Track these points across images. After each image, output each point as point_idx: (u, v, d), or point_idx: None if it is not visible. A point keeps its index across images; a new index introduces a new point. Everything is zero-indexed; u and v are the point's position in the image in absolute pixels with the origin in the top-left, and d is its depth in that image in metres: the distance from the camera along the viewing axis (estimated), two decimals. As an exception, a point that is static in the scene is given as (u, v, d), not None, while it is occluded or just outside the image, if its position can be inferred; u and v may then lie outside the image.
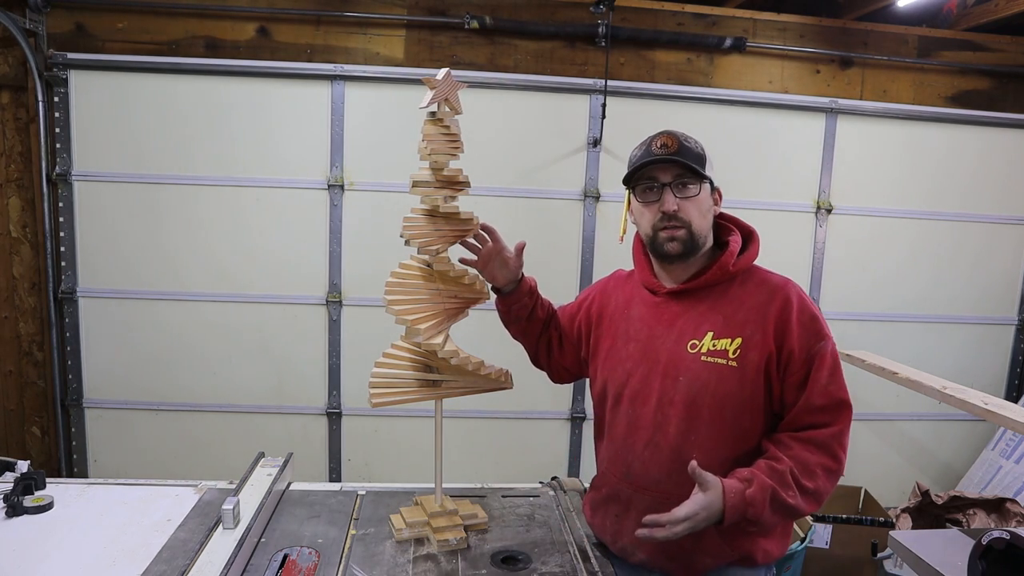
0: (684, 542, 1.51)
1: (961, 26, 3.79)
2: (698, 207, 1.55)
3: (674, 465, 1.53)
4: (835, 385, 1.50)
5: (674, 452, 1.53)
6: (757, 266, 1.63)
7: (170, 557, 1.56)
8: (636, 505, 1.59)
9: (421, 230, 1.68)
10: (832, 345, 1.53)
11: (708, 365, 1.52)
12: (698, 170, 1.52)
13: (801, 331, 1.50)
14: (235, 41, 3.41)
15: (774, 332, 1.51)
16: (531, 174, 3.56)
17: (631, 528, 1.58)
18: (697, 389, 1.52)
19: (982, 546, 1.50)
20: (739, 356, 1.50)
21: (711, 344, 1.52)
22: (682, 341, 1.55)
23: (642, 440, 1.58)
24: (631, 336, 1.64)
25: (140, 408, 3.57)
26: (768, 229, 3.61)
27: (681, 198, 1.53)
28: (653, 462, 1.56)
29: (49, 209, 3.37)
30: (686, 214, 1.53)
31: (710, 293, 1.58)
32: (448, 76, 1.65)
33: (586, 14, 3.44)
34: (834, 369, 1.51)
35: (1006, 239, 3.89)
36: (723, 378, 1.51)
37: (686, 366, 1.53)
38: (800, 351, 1.50)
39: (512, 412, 3.63)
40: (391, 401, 1.69)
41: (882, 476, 3.86)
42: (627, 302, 1.70)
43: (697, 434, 1.52)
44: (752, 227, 1.66)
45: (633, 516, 1.58)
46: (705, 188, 1.56)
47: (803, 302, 1.54)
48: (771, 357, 1.50)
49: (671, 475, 1.54)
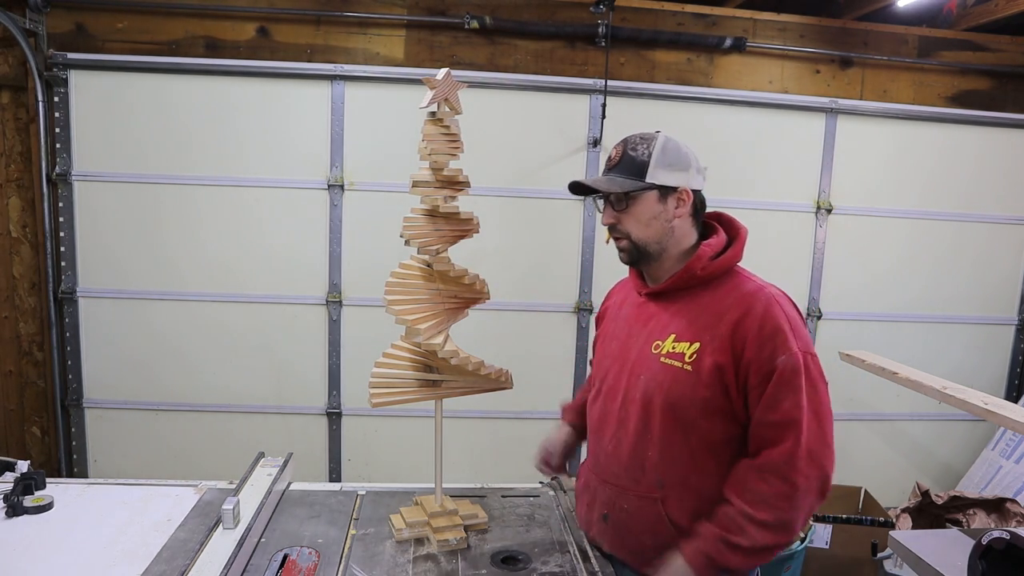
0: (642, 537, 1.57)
1: (961, 26, 3.79)
2: (636, 218, 1.55)
3: (632, 461, 1.57)
4: (790, 402, 1.41)
5: (633, 447, 1.57)
6: (739, 270, 1.60)
7: (170, 557, 1.56)
8: (600, 496, 1.65)
9: (421, 230, 1.68)
10: (798, 360, 1.43)
11: (665, 366, 1.53)
12: (618, 192, 1.53)
13: (759, 344, 1.44)
14: (235, 41, 3.41)
15: (731, 341, 1.46)
16: (531, 174, 3.56)
17: (596, 519, 1.66)
18: (652, 388, 1.53)
19: (982, 546, 1.50)
20: (694, 360, 1.49)
21: (671, 346, 1.54)
22: (649, 341, 1.58)
23: (608, 434, 1.63)
24: (615, 335, 1.69)
25: (140, 408, 3.57)
26: (768, 229, 3.68)
27: (618, 211, 1.57)
28: (615, 456, 1.61)
29: (49, 209, 3.37)
30: (624, 226, 1.57)
31: (683, 296, 1.58)
32: (448, 76, 1.65)
33: (586, 14, 3.44)
34: (792, 384, 1.42)
35: (1006, 239, 3.89)
36: (677, 380, 1.51)
37: (647, 365, 1.56)
38: (758, 364, 1.44)
39: (512, 412, 3.63)
40: (391, 401, 1.69)
41: (882, 476, 3.86)
42: (621, 304, 1.75)
43: (651, 432, 1.54)
44: (741, 227, 1.62)
45: (598, 507, 1.65)
46: (647, 197, 1.54)
47: (768, 314, 1.46)
48: (726, 366, 1.46)
49: (629, 470, 1.58)
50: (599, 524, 1.65)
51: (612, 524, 1.62)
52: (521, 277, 3.58)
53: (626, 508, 1.59)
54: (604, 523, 1.63)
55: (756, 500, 1.42)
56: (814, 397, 1.44)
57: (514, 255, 3.55)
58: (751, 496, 1.43)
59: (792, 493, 1.41)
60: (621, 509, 1.59)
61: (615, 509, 1.61)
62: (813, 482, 1.42)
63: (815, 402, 1.44)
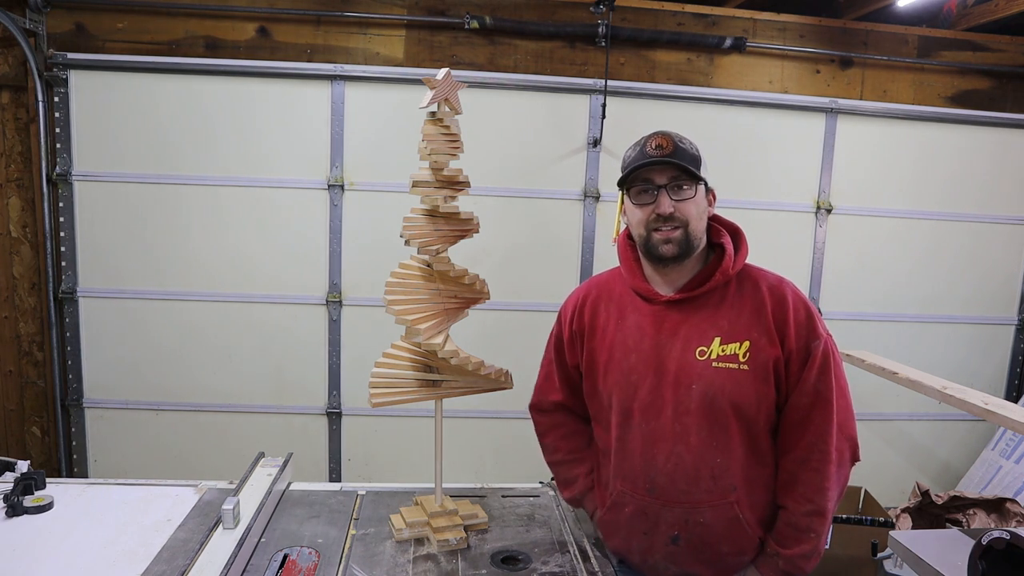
0: (720, 545, 1.56)
1: (961, 26, 3.79)
2: (695, 208, 1.54)
3: (699, 473, 1.53)
4: (823, 383, 1.52)
5: (697, 460, 1.53)
6: (750, 265, 1.63)
7: (170, 557, 1.56)
8: (665, 518, 1.57)
9: (421, 230, 1.68)
10: (827, 344, 1.54)
11: (720, 371, 1.51)
12: (694, 171, 1.51)
13: (797, 331, 1.52)
14: (235, 41, 3.41)
15: (778, 333, 1.52)
16: (531, 174, 3.56)
17: (661, 543, 1.58)
18: (712, 395, 1.51)
19: (982, 546, 1.50)
20: (749, 359, 1.51)
21: (720, 349, 1.52)
22: (690, 349, 1.53)
23: (663, 453, 1.55)
24: (631, 347, 1.59)
25: (140, 408, 3.57)
26: (768, 229, 3.68)
27: (677, 200, 1.52)
28: (678, 473, 1.54)
29: (49, 209, 3.37)
30: (683, 214, 1.52)
31: (710, 298, 1.57)
32: (448, 76, 1.65)
33: (586, 14, 3.44)
34: (824, 368, 1.52)
35: (1006, 239, 3.89)
36: (737, 382, 1.51)
37: (698, 373, 1.52)
38: (798, 351, 1.52)
39: (512, 412, 3.62)
40: (391, 401, 1.69)
41: (882, 476, 3.86)
42: (620, 311, 1.64)
43: (717, 440, 1.52)
44: (737, 225, 1.64)
45: (663, 530, 1.58)
46: (700, 189, 1.54)
47: (799, 301, 1.55)
48: (778, 358, 1.52)
49: (698, 483, 1.53)
50: (666, 548, 1.58)
51: (686, 543, 1.56)
52: (521, 277, 3.58)
53: (702, 522, 1.54)
54: (674, 545, 1.57)
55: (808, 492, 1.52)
56: (840, 376, 1.56)
57: (514, 255, 3.55)
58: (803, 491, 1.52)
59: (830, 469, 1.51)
60: (697, 524, 1.54)
61: (689, 526, 1.55)
62: (846, 453, 1.55)
63: (840, 380, 1.56)
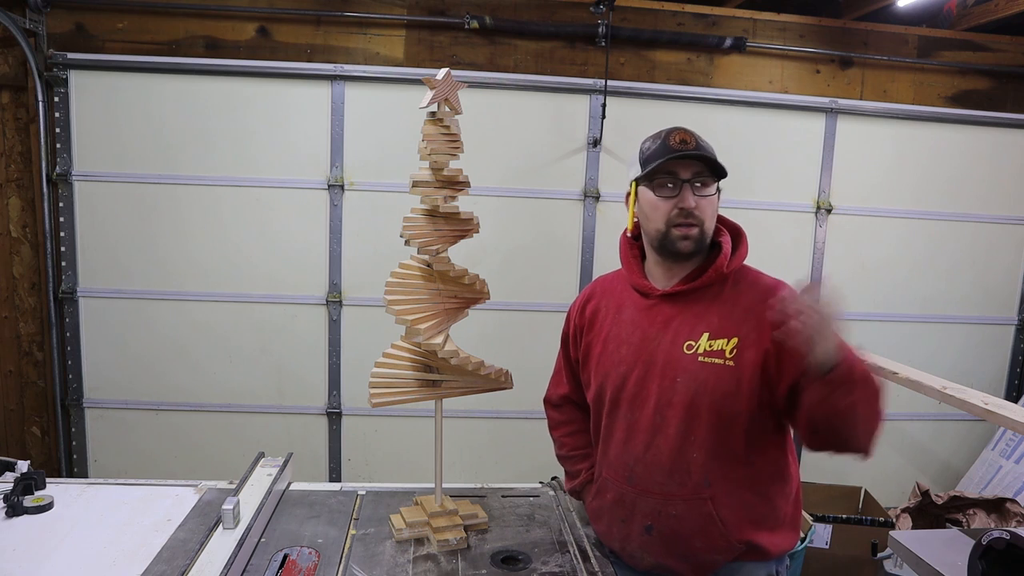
0: (692, 540, 1.53)
1: (961, 26, 3.79)
2: (712, 207, 1.55)
3: (675, 466, 1.53)
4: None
5: (674, 453, 1.53)
6: (748, 267, 1.63)
7: (170, 557, 1.56)
8: (640, 508, 1.58)
9: (421, 230, 1.68)
10: None
11: (705, 365, 1.52)
12: (720, 166, 1.52)
13: None
14: (235, 41, 3.41)
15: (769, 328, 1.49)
16: (531, 174, 3.56)
17: (637, 532, 1.59)
18: (695, 389, 1.51)
19: (982, 546, 1.51)
20: (735, 355, 1.51)
21: (707, 344, 1.52)
22: (678, 342, 1.55)
23: (642, 443, 1.57)
24: (623, 339, 1.62)
25: (140, 408, 3.57)
26: (768, 229, 3.68)
27: (698, 196, 1.53)
28: (655, 464, 1.56)
29: (49, 209, 3.37)
30: (701, 212, 1.53)
31: (704, 295, 1.58)
32: (448, 76, 1.65)
33: (586, 14, 3.44)
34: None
35: (1006, 239, 3.89)
36: (720, 378, 1.51)
37: (683, 367, 1.53)
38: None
39: (512, 412, 3.62)
40: (391, 401, 1.69)
41: (882, 476, 3.86)
42: (618, 306, 1.68)
43: (696, 434, 1.52)
44: (739, 226, 1.65)
45: (638, 520, 1.59)
46: (716, 190, 1.56)
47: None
48: (768, 354, 1.49)
49: (672, 476, 1.54)
50: (640, 537, 1.59)
51: (658, 534, 1.56)
52: (521, 277, 3.58)
53: (674, 514, 1.54)
54: (648, 535, 1.58)
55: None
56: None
57: (514, 255, 3.55)
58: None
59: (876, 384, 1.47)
60: (668, 516, 1.55)
61: (661, 517, 1.56)
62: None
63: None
